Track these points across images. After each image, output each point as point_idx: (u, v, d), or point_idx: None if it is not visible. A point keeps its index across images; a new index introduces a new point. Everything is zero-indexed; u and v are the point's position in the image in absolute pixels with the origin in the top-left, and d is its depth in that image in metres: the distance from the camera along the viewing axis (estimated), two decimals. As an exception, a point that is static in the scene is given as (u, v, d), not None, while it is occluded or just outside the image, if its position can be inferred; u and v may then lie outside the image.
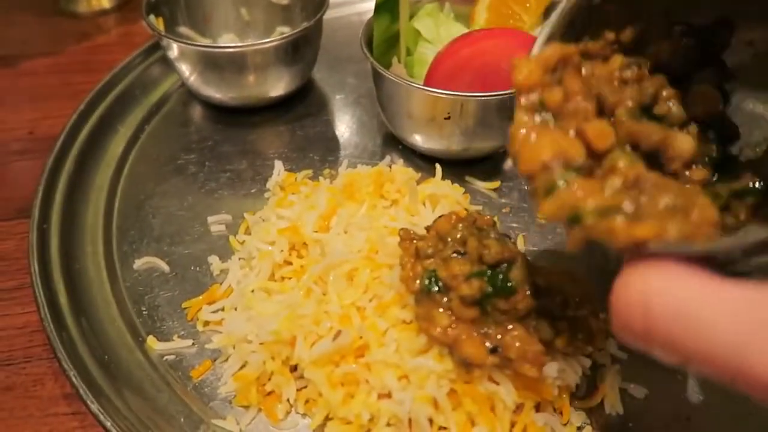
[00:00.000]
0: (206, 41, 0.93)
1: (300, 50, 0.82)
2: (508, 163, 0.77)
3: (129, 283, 0.65)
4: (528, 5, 0.76)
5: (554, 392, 0.51)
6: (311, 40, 0.84)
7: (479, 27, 0.76)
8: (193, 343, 0.59)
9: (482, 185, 0.74)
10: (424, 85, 0.69)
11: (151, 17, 0.82)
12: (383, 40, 0.72)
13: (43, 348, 0.61)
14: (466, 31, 0.75)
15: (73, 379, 0.52)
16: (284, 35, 0.79)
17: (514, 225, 0.70)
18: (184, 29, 0.91)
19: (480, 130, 0.71)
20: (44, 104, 0.91)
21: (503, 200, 0.73)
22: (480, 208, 0.71)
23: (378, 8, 0.70)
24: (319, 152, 0.80)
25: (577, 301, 0.57)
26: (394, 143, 0.81)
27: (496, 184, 0.75)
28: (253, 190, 0.75)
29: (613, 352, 0.57)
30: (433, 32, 0.73)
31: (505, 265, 0.51)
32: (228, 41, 0.94)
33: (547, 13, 0.77)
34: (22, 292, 0.65)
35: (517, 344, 0.49)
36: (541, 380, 0.51)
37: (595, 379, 0.56)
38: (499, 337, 0.49)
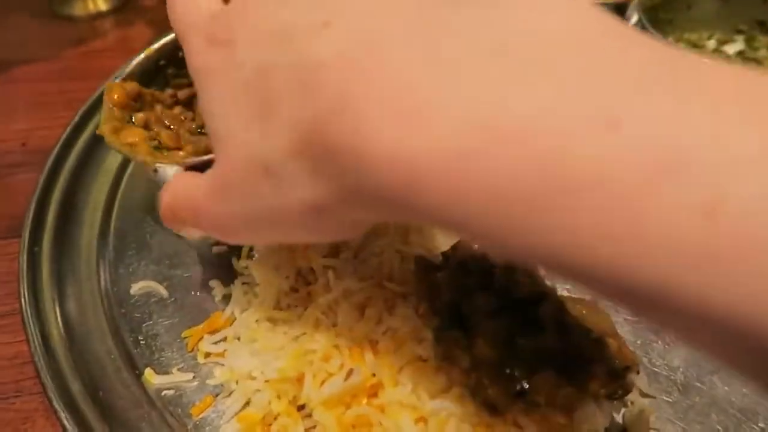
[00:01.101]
0: None
1: None
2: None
3: (125, 310, 0.61)
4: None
5: (583, 437, 0.48)
6: None
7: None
8: (194, 377, 0.55)
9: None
10: None
11: None
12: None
13: (34, 381, 0.57)
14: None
15: (64, 420, 0.49)
16: None
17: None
18: None
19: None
20: (39, 113, 0.87)
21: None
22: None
23: None
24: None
25: (603, 336, 0.53)
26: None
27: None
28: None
29: (644, 390, 0.54)
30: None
31: (535, 301, 0.48)
32: None
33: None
34: (13, 319, 0.61)
35: (546, 387, 0.45)
36: (572, 426, 0.47)
37: (624, 418, 0.52)
38: (526, 379, 0.46)
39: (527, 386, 0.45)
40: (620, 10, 0.82)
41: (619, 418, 0.52)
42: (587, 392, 0.48)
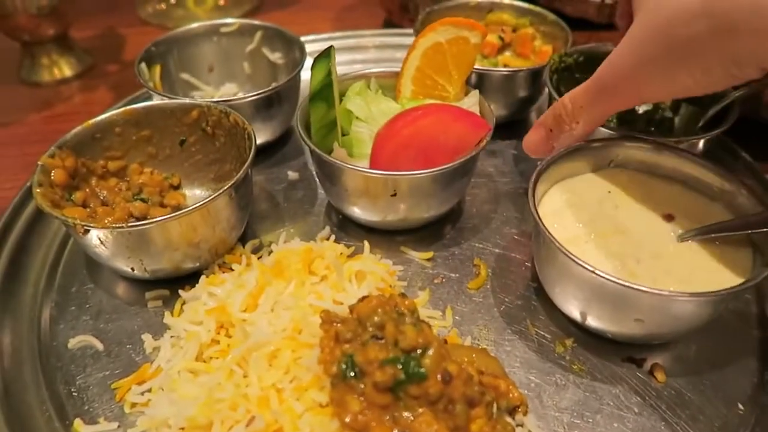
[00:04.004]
0: (208, 89, 1.02)
1: (275, 104, 0.88)
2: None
3: (62, 363, 0.66)
4: (450, 76, 0.79)
5: (465, 476, 0.52)
6: (287, 96, 0.90)
7: (406, 99, 0.79)
8: (119, 426, 0.60)
9: (416, 255, 0.77)
10: (370, 165, 0.72)
11: (143, 66, 0.90)
12: (321, 125, 0.75)
13: (-30, 433, 0.61)
14: (394, 105, 0.79)
15: (-9, 469, 0.53)
16: (258, 92, 0.85)
17: (445, 295, 0.72)
18: (185, 76, 0.99)
19: (420, 202, 0.74)
20: (-2, 175, 0.93)
21: (436, 270, 0.75)
22: (405, 283, 0.73)
23: (313, 98, 0.73)
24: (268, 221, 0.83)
25: (491, 375, 0.59)
26: (335, 210, 0.83)
27: (430, 254, 0.77)
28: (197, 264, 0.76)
29: (530, 429, 0.58)
30: (365, 110, 0.76)
31: (420, 351, 0.53)
32: (227, 91, 1.02)
33: (468, 82, 0.81)
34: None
35: (425, 430, 0.50)
36: (451, 465, 0.51)
37: (511, 457, 0.57)
38: (408, 422, 0.51)
39: (408, 429, 0.50)
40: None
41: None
42: (469, 433, 0.53)
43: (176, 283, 0.71)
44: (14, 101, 1.12)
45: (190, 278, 0.71)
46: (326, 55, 0.73)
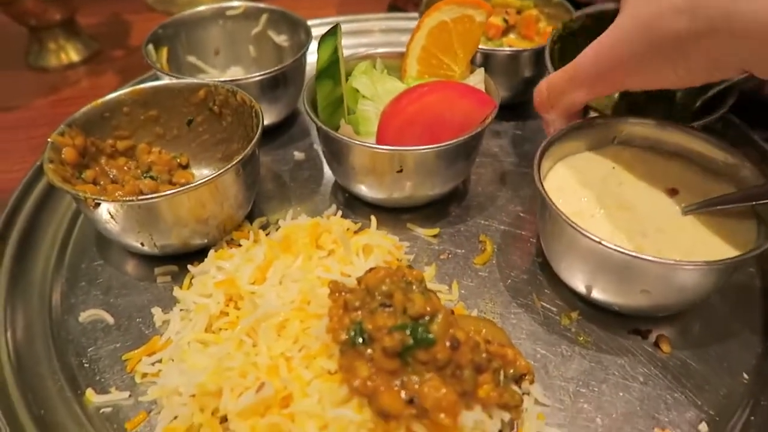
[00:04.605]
0: (214, 72, 1.03)
1: (281, 85, 0.89)
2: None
3: (73, 336, 0.67)
4: (456, 55, 0.80)
5: (472, 442, 0.53)
6: (293, 77, 0.90)
7: (412, 79, 0.79)
8: (130, 395, 0.61)
9: (422, 232, 0.77)
10: (376, 142, 0.73)
11: (150, 48, 0.91)
12: (328, 103, 0.75)
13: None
14: (400, 84, 0.79)
15: (5, 435, 0.54)
16: (265, 72, 0.85)
17: (451, 270, 0.73)
18: (191, 59, 1.00)
19: (426, 179, 0.74)
20: (5, 158, 0.94)
21: (442, 246, 0.76)
22: (412, 257, 0.73)
23: (320, 75, 0.74)
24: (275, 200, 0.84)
25: (498, 344, 0.59)
26: (342, 189, 0.84)
27: (436, 231, 0.77)
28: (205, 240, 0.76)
29: (537, 397, 0.59)
30: (371, 89, 0.77)
31: (427, 318, 0.53)
32: (233, 74, 1.02)
33: (473, 62, 0.81)
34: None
35: (433, 394, 0.51)
36: (458, 430, 0.52)
37: (516, 424, 0.57)
38: (416, 387, 0.51)
39: (416, 394, 0.51)
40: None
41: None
42: (476, 399, 0.54)
43: (185, 259, 0.72)
44: (21, 86, 1.13)
45: (198, 254, 0.72)
46: (332, 33, 0.74)
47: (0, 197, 0.81)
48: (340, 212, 0.77)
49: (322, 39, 0.74)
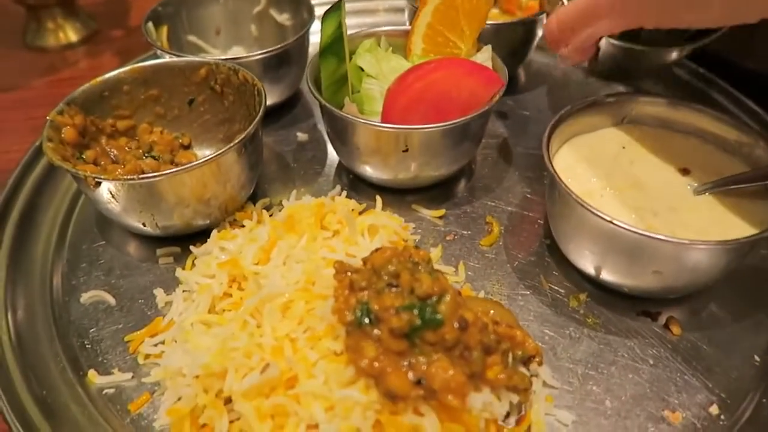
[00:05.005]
0: (215, 52, 1.00)
1: (284, 65, 0.87)
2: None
3: (74, 317, 0.66)
4: (462, 33, 0.78)
5: (480, 424, 0.52)
6: (295, 56, 0.89)
7: (417, 57, 0.78)
8: (133, 377, 0.60)
9: (428, 213, 0.76)
10: (381, 121, 0.71)
11: (150, 26, 0.89)
12: (332, 81, 0.74)
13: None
14: (404, 62, 0.77)
15: (6, 415, 0.53)
16: (266, 50, 0.83)
17: (457, 251, 0.71)
18: (192, 38, 0.98)
19: (432, 159, 0.73)
20: (4, 138, 0.93)
21: (448, 228, 0.75)
22: (418, 237, 0.72)
23: (323, 52, 0.72)
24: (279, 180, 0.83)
25: (506, 326, 0.58)
26: (346, 170, 0.83)
27: (441, 212, 0.76)
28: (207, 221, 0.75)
29: (545, 379, 0.58)
30: (376, 68, 0.75)
31: (435, 298, 0.52)
32: (235, 54, 0.99)
33: (480, 39, 0.79)
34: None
35: (441, 375, 0.50)
36: (466, 411, 0.51)
37: (524, 406, 0.57)
38: (424, 368, 0.50)
39: (424, 375, 0.50)
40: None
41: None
42: (485, 381, 0.53)
43: (187, 240, 0.71)
44: (19, 66, 1.11)
45: (200, 236, 0.71)
46: (336, 8, 0.72)
47: (1, 178, 0.80)
48: (344, 193, 0.76)
49: (326, 15, 0.72)
